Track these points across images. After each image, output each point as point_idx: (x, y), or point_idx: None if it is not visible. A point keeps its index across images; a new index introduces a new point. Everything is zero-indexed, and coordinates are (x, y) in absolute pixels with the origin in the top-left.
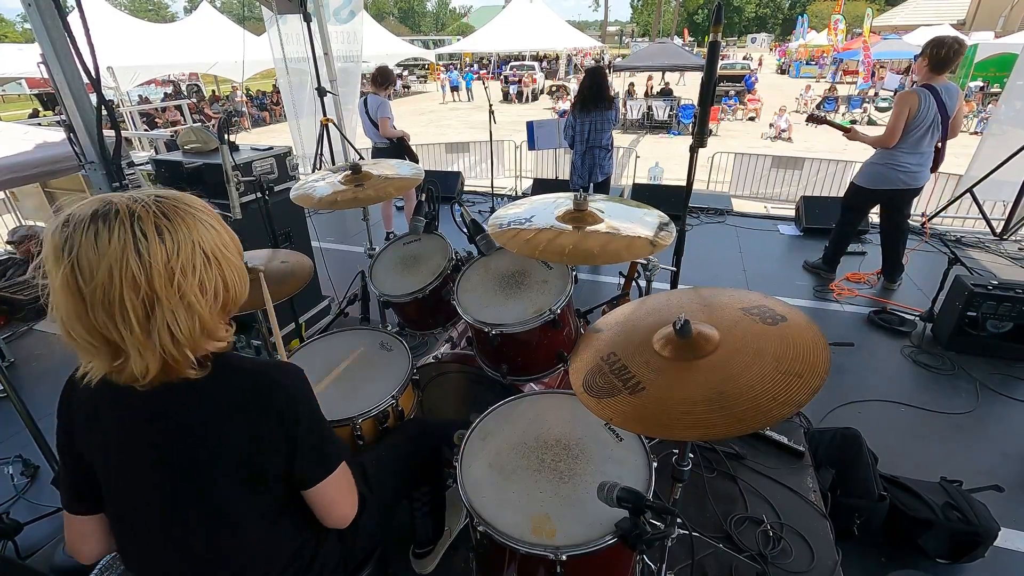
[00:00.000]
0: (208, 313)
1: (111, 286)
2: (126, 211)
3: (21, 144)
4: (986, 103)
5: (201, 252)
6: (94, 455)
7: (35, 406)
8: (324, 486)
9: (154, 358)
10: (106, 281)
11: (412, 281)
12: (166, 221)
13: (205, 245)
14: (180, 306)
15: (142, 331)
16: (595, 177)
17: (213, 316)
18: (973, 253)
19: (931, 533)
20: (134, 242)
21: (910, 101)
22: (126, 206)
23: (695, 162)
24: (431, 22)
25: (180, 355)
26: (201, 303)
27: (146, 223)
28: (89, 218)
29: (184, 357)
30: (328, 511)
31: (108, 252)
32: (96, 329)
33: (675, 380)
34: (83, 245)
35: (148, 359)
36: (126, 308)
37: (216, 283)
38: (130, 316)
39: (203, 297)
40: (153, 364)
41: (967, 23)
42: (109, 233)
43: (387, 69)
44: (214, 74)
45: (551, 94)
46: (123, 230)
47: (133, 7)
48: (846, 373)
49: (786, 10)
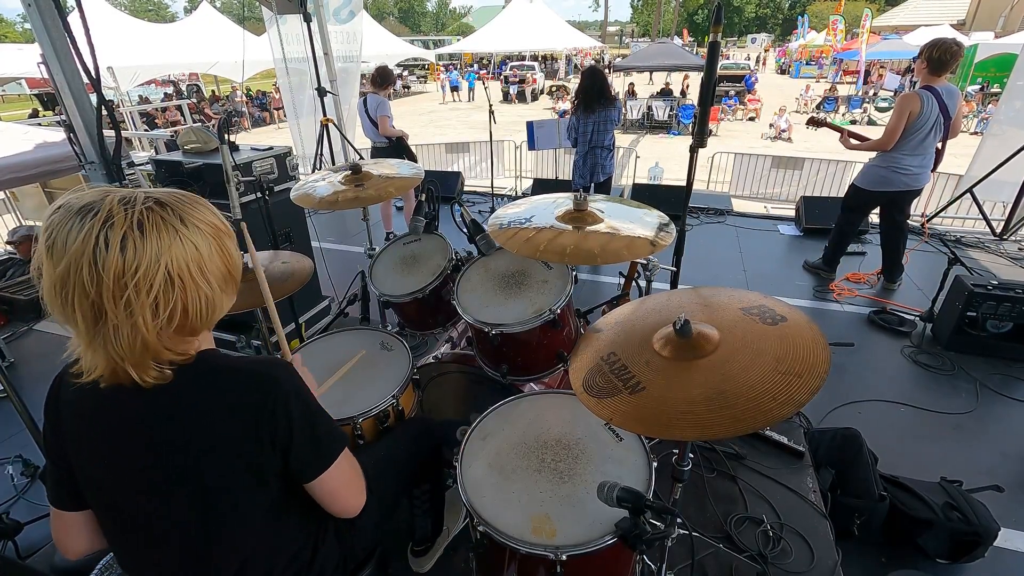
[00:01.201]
0: (154, 336)
1: (67, 283)
2: (105, 213)
3: (21, 144)
4: (986, 103)
5: (165, 272)
6: (82, 456)
7: (35, 406)
8: (325, 478)
9: (101, 359)
10: (64, 276)
11: (412, 281)
12: (137, 234)
13: (174, 265)
14: (125, 323)
15: (88, 333)
16: (597, 177)
17: (162, 338)
18: (973, 253)
19: (931, 533)
20: (93, 249)
21: (912, 103)
22: (109, 208)
23: (695, 162)
24: (431, 22)
25: (122, 368)
26: (148, 325)
27: (115, 230)
28: (75, 210)
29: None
30: (332, 502)
31: (71, 251)
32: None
33: (675, 380)
34: (58, 234)
35: (97, 359)
36: (75, 308)
37: (174, 306)
38: (78, 316)
39: (151, 320)
40: (101, 364)
41: (967, 23)
42: (78, 232)
43: (387, 69)
44: (214, 74)
45: (551, 94)
46: (89, 234)
47: (133, 7)
48: (846, 373)
49: (786, 10)
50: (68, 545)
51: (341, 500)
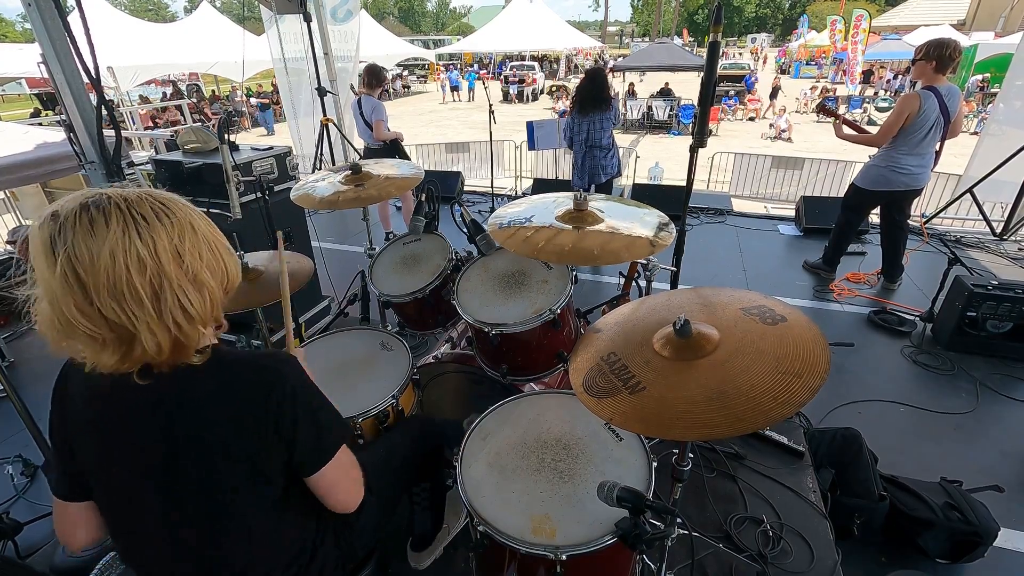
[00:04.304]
0: (217, 290)
1: (115, 270)
2: (119, 198)
3: (21, 144)
4: (986, 103)
5: (202, 237)
6: (88, 449)
7: (35, 406)
8: (326, 471)
9: (166, 336)
10: (109, 266)
11: (412, 281)
12: (162, 206)
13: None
14: (189, 284)
15: (154, 310)
16: (597, 178)
17: (220, 297)
18: (973, 253)
19: (931, 533)
20: (135, 224)
21: (911, 104)
22: (117, 194)
23: (695, 162)
24: (431, 22)
25: (193, 331)
26: (211, 281)
27: (143, 207)
28: (80, 208)
29: (196, 335)
30: (331, 496)
31: (108, 237)
32: (102, 316)
33: (675, 380)
34: (78, 234)
35: (160, 337)
36: (135, 288)
37: (219, 266)
38: (141, 296)
39: (211, 276)
40: (165, 341)
41: (967, 23)
42: (105, 218)
43: (376, 68)
44: (214, 74)
45: (551, 94)
46: (119, 214)
47: (133, 7)
48: (846, 373)
49: (786, 10)
50: (72, 537)
51: (341, 494)
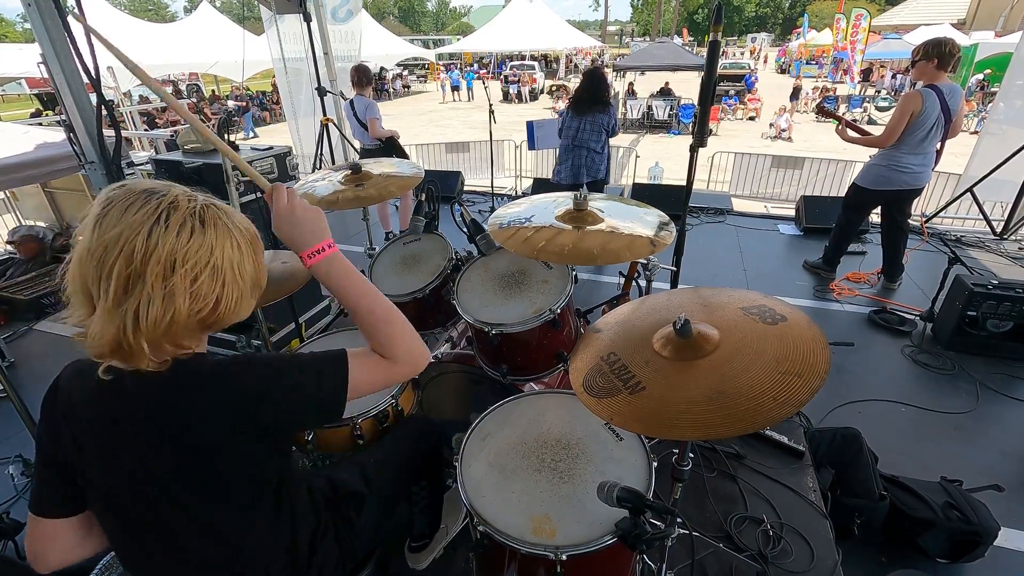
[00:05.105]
0: (184, 318)
1: (111, 249)
2: (172, 197)
3: (21, 144)
4: (986, 102)
5: (212, 266)
6: (82, 459)
7: (35, 406)
8: (358, 384)
9: (111, 331)
10: (110, 243)
11: (412, 281)
12: (196, 223)
13: (223, 260)
14: (159, 296)
15: (114, 299)
16: (581, 177)
17: (188, 324)
18: (973, 253)
19: (931, 533)
20: (152, 224)
21: (914, 102)
22: (176, 195)
23: (695, 162)
24: (431, 22)
25: (135, 344)
26: (183, 306)
27: (175, 215)
28: (140, 189)
29: (139, 347)
30: (392, 373)
31: (128, 222)
32: (84, 278)
33: (675, 380)
34: (117, 206)
35: (106, 329)
36: (111, 273)
37: (208, 298)
38: (111, 282)
39: (188, 302)
40: (108, 335)
41: (967, 22)
42: (141, 208)
43: (364, 67)
44: (214, 74)
45: (551, 94)
46: (152, 212)
47: (133, 7)
48: (846, 373)
49: (786, 10)
50: (46, 556)
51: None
